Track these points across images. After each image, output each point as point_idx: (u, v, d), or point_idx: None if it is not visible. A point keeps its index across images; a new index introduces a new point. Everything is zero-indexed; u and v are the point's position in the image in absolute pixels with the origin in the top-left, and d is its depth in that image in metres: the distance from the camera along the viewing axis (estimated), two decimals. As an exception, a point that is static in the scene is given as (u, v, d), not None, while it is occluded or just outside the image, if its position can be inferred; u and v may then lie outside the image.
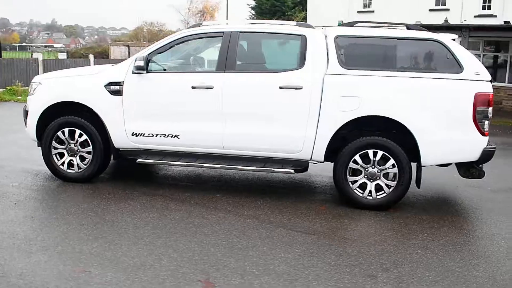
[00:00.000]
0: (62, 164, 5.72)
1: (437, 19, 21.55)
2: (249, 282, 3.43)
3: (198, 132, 5.33)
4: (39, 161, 6.23)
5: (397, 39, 5.11)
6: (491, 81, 4.92)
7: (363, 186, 5.11)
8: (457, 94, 4.89)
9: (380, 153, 5.02)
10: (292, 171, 5.23)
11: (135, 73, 5.39)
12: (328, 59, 5.09)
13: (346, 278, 3.55)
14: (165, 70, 5.48)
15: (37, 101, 5.73)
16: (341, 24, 5.59)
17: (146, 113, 5.43)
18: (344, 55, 5.08)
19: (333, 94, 5.03)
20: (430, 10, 22.54)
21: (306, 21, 29.56)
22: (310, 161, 5.28)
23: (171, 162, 5.46)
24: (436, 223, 4.81)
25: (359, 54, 5.13)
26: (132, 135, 5.47)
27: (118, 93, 5.45)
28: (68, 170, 5.72)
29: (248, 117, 5.23)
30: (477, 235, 4.62)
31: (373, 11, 24.47)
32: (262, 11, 38.46)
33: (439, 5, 22.46)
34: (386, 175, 5.05)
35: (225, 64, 5.27)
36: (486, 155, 4.95)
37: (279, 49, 5.41)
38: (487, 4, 21.06)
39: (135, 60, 5.34)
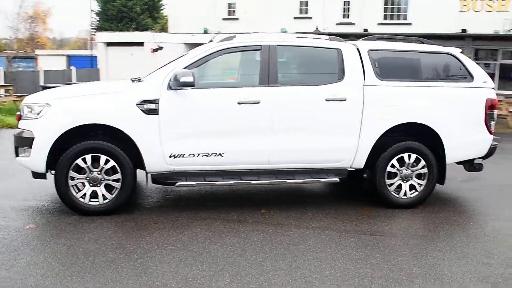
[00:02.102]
0: (83, 196, 4.98)
1: (302, 27, 23.27)
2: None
3: (244, 149, 5.16)
4: (40, 194, 5.39)
5: (420, 52, 5.67)
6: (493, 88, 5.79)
7: (398, 188, 5.54)
8: (472, 101, 5.63)
9: (413, 156, 5.50)
10: (337, 179, 5.41)
11: (174, 89, 4.98)
12: (364, 71, 5.40)
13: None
14: (206, 85, 5.15)
15: (48, 125, 4.88)
16: (366, 38, 5.91)
17: (187, 132, 5.05)
18: (379, 67, 5.44)
19: (374, 105, 5.35)
20: (295, 18, 24.14)
21: (167, 29, 29.24)
22: (349, 169, 5.52)
23: (216, 182, 5.17)
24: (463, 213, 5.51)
25: (391, 66, 5.53)
26: (170, 156, 5.04)
27: (153, 112, 4.96)
28: (90, 203, 5.00)
29: (296, 130, 5.24)
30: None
31: (237, 19, 25.21)
32: (107, 17, 36.44)
33: (303, 14, 24.21)
34: (418, 176, 5.56)
35: (268, 77, 5.20)
36: (491, 151, 5.80)
37: (317, 62, 5.49)
38: (346, 13, 23.42)
39: (174, 76, 4.92)
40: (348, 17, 23.50)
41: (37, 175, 5.16)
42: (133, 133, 4.95)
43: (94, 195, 5.00)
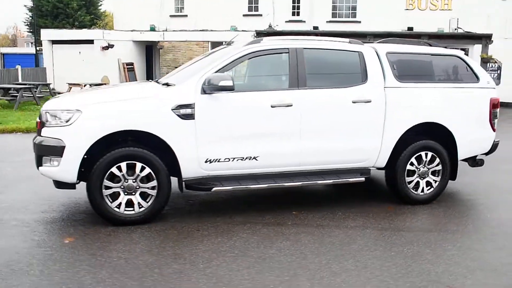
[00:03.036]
0: (118, 205, 4.79)
1: (252, 24, 23.41)
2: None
3: (277, 152, 5.19)
4: (56, 205, 5.19)
5: (431, 54, 5.97)
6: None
7: (416, 185, 5.82)
8: (479, 100, 6.01)
9: (429, 154, 5.80)
10: (363, 179, 5.59)
11: (208, 93, 4.90)
12: (384, 73, 5.60)
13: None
14: (238, 89, 5.09)
15: (81, 133, 4.63)
16: (381, 41, 6.11)
17: (222, 136, 5.00)
18: (397, 69, 5.67)
19: (394, 106, 5.57)
20: (245, 15, 24.17)
21: (113, 26, 28.19)
22: (372, 168, 5.72)
23: (251, 186, 5.16)
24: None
25: (407, 68, 5.77)
26: (206, 162, 4.97)
27: (190, 116, 4.86)
28: (125, 212, 4.82)
29: (325, 132, 5.35)
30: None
31: (186, 16, 24.82)
32: (42, 13, 34.64)
33: (253, 11, 24.30)
34: (433, 173, 5.87)
35: (297, 80, 5.26)
36: (494, 147, 6.23)
37: (341, 65, 5.60)
38: (296, 10, 23.81)
39: (208, 80, 4.85)
40: (298, 15, 23.87)
41: (62, 185, 4.90)
42: (170, 139, 4.82)
43: (128, 204, 4.83)
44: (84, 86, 15.91)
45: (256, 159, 5.13)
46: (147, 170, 4.80)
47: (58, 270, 3.79)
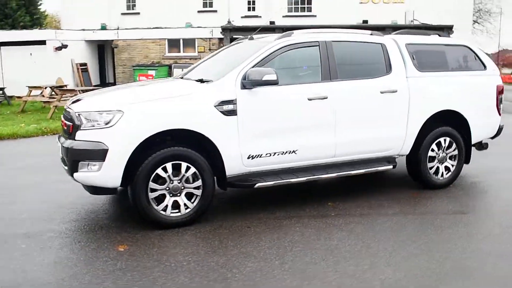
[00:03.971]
0: (165, 208, 4.61)
1: (207, 20, 23.22)
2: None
3: (314, 145, 5.20)
4: (80, 212, 4.97)
5: (444, 45, 6.19)
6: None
7: (436, 169, 6.03)
8: (487, 87, 6.31)
9: (448, 139, 6.03)
10: (391, 167, 5.73)
11: (248, 88, 4.82)
12: (405, 63, 5.75)
13: None
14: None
15: (125, 134, 4.40)
16: (397, 32, 6.24)
17: (263, 131, 4.94)
18: (416, 60, 5.83)
19: (416, 95, 5.73)
20: (199, 11, 23.85)
21: (60, 26, 26.86)
22: (397, 156, 5.86)
23: (292, 180, 5.13)
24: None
25: (425, 58, 5.94)
26: (248, 158, 4.89)
27: (232, 112, 4.76)
28: (172, 214, 4.65)
29: (357, 122, 5.42)
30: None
31: (138, 13, 24.15)
32: (-23, 14, 32.39)
33: (208, 7, 24.02)
34: (451, 157, 6.11)
35: (329, 73, 5.29)
36: (500, 131, 6.57)
37: (366, 56, 5.66)
38: (252, 6, 23.79)
39: (249, 75, 4.76)
40: (253, 10, 23.87)
41: (100, 191, 4.66)
42: (214, 136, 4.70)
43: (173, 206, 4.66)
44: (45, 88, 15.10)
45: (295, 153, 5.11)
46: (192, 169, 4.66)
47: (132, 279, 3.60)
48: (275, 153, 5.01)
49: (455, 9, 21.29)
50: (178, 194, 4.66)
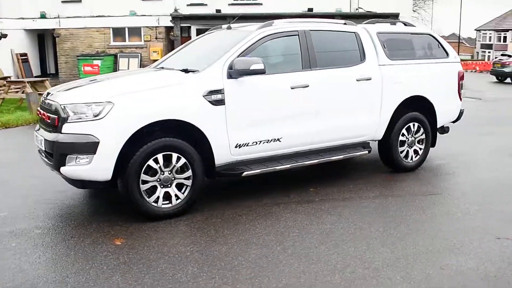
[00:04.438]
0: (156, 200, 4.57)
1: (152, 9, 22.68)
2: None
3: (297, 132, 5.32)
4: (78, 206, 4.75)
5: (411, 33, 6.49)
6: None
7: (406, 154, 6.35)
8: (450, 74, 6.70)
9: (416, 124, 6.36)
10: (367, 152, 5.97)
11: (234, 78, 4.85)
12: (377, 52, 5.99)
13: None
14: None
15: (117, 126, 4.31)
16: (367, 22, 6.43)
17: (249, 120, 4.99)
18: (387, 48, 6.08)
19: (388, 82, 5.99)
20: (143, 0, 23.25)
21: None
22: (371, 141, 6.11)
23: (277, 167, 5.22)
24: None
25: (394, 47, 6.20)
26: (236, 147, 4.94)
27: (220, 102, 4.78)
28: (163, 206, 4.62)
29: (336, 110, 5.60)
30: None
31: (80, 1, 23.04)
32: None
33: (152, -5, 23.43)
34: (419, 141, 6.45)
35: (309, 61, 5.41)
36: (461, 115, 7.00)
37: (341, 45, 5.80)
38: (197, -7, 23.39)
39: (236, 64, 4.79)
40: (200, -3, 23.56)
41: (89, 185, 4.55)
42: (204, 126, 4.70)
43: (167, 197, 4.64)
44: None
45: (280, 141, 5.21)
46: (182, 160, 4.64)
47: (140, 272, 3.57)
48: (261, 141, 5.09)
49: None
50: (169, 185, 4.63)
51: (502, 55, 27.92)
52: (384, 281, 3.44)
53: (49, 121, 4.59)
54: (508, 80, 25.13)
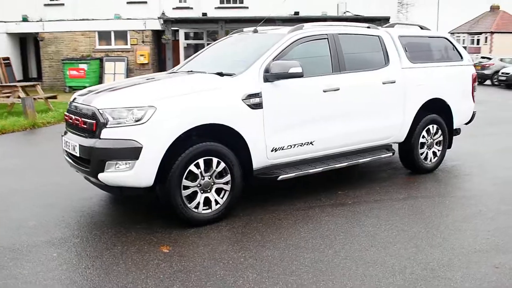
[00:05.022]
0: (197, 206, 4.50)
1: (137, 12, 22.46)
2: None
3: (329, 135, 5.33)
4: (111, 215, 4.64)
5: (429, 37, 6.58)
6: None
7: (425, 155, 6.43)
8: (465, 76, 6.82)
9: (435, 126, 6.45)
10: (391, 154, 6.02)
11: (270, 81, 4.82)
12: (399, 55, 6.05)
13: None
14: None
15: (160, 130, 4.22)
16: (387, 25, 6.49)
17: (285, 124, 4.97)
18: (408, 52, 6.15)
19: (411, 85, 6.06)
20: (128, 2, 22.88)
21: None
22: (394, 143, 6.16)
23: (310, 171, 5.21)
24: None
25: (415, 50, 6.28)
26: (272, 150, 4.91)
27: (258, 106, 4.74)
28: (203, 211, 4.55)
29: (365, 112, 5.63)
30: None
31: (62, 4, 22.62)
32: None
33: (137, -2, 23.16)
34: (437, 143, 6.54)
35: (338, 65, 5.43)
36: (473, 116, 7.13)
37: (367, 48, 5.83)
38: (182, -3, 23.25)
39: (273, 68, 4.77)
40: (185, 1, 23.39)
41: (129, 191, 4.44)
42: (243, 130, 4.65)
43: (207, 202, 4.57)
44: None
45: (312, 144, 5.20)
46: (222, 165, 4.58)
47: (199, 280, 3.49)
48: (294, 145, 5.07)
49: (381, 0, 22.36)
50: (209, 190, 4.56)
51: (482, 57, 28.75)
52: (445, 282, 3.46)
53: (84, 126, 4.47)
54: (488, 82, 25.77)
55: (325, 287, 3.39)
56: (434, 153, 6.53)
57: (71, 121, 4.78)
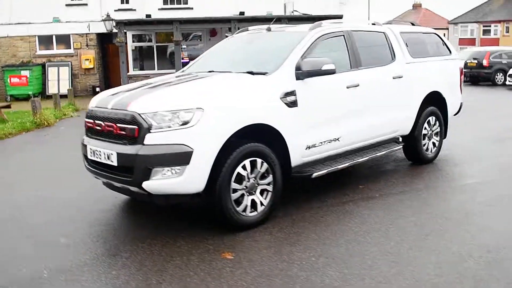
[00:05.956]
0: (244, 209, 4.38)
1: (77, 14, 21.51)
2: None
3: (352, 131, 5.41)
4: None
5: (423, 33, 6.86)
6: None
7: (427, 147, 6.70)
8: (454, 70, 7.17)
9: (434, 118, 6.73)
10: (401, 146, 6.21)
11: (301, 79, 4.81)
12: (402, 51, 6.26)
13: None
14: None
15: (211, 133, 4.07)
16: (386, 22, 6.63)
17: (316, 121, 4.98)
18: (409, 47, 6.38)
19: (415, 79, 6.30)
20: (68, 5, 21.82)
21: None
22: (400, 136, 6.36)
23: (339, 167, 5.25)
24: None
25: (414, 46, 6.51)
26: (306, 148, 4.90)
27: (294, 104, 4.72)
28: (250, 214, 4.44)
29: (379, 107, 5.77)
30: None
31: None
32: None
33: (76, 0, 22.08)
34: (436, 134, 6.84)
35: (356, 61, 5.53)
36: (460, 107, 7.52)
37: (375, 45, 5.93)
38: (125, -2, 22.47)
39: (305, 65, 4.76)
40: (127, 3, 22.69)
41: (174, 199, 4.25)
42: (282, 129, 4.61)
43: (254, 205, 4.47)
44: None
45: (338, 140, 5.25)
46: (265, 165, 4.50)
47: (286, 283, 3.39)
48: (324, 141, 5.09)
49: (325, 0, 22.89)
50: (254, 192, 4.47)
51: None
52: (515, 263, 3.62)
53: (122, 132, 4.21)
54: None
55: (411, 277, 3.44)
56: (434, 144, 6.82)
57: (99, 128, 4.48)
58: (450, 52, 7.21)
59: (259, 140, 4.51)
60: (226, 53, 5.87)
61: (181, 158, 4.00)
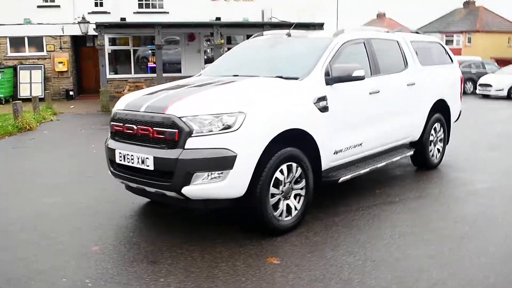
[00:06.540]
0: (280, 214, 4.36)
1: (48, 17, 20.92)
2: None
3: (373, 136, 5.48)
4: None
5: (429, 42, 7.04)
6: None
7: (433, 153, 6.87)
8: (456, 78, 7.39)
9: (439, 124, 6.92)
10: (412, 151, 6.34)
11: (330, 84, 4.85)
12: (413, 59, 6.41)
13: None
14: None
15: (253, 137, 4.03)
16: (396, 31, 6.74)
17: (344, 126, 5.03)
18: (418, 55, 6.54)
19: (426, 87, 6.46)
20: (39, 6, 21.12)
21: None
22: (411, 141, 6.49)
23: (362, 171, 5.31)
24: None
25: (422, 54, 6.67)
26: (334, 153, 4.93)
27: (325, 109, 4.74)
28: (286, 219, 4.42)
29: (396, 113, 5.89)
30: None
31: None
32: None
33: (48, 2, 21.41)
34: (440, 140, 7.02)
35: (375, 68, 5.61)
36: (460, 115, 7.75)
37: (390, 52, 6.03)
38: (99, 1, 21.97)
39: (335, 71, 4.81)
40: (101, 6, 22.19)
41: (214, 204, 4.18)
42: (315, 134, 4.61)
43: (289, 209, 4.45)
44: None
45: (361, 145, 5.32)
46: (299, 170, 4.50)
47: (342, 287, 3.42)
48: (350, 146, 5.14)
49: (301, 8, 23.02)
50: (289, 197, 4.45)
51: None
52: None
53: (160, 136, 4.10)
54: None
55: (467, 277, 3.50)
56: (438, 150, 7.00)
57: (131, 131, 4.36)
58: (452, 61, 7.43)
59: (292, 145, 4.51)
60: (246, 57, 5.84)
61: (225, 162, 3.94)
